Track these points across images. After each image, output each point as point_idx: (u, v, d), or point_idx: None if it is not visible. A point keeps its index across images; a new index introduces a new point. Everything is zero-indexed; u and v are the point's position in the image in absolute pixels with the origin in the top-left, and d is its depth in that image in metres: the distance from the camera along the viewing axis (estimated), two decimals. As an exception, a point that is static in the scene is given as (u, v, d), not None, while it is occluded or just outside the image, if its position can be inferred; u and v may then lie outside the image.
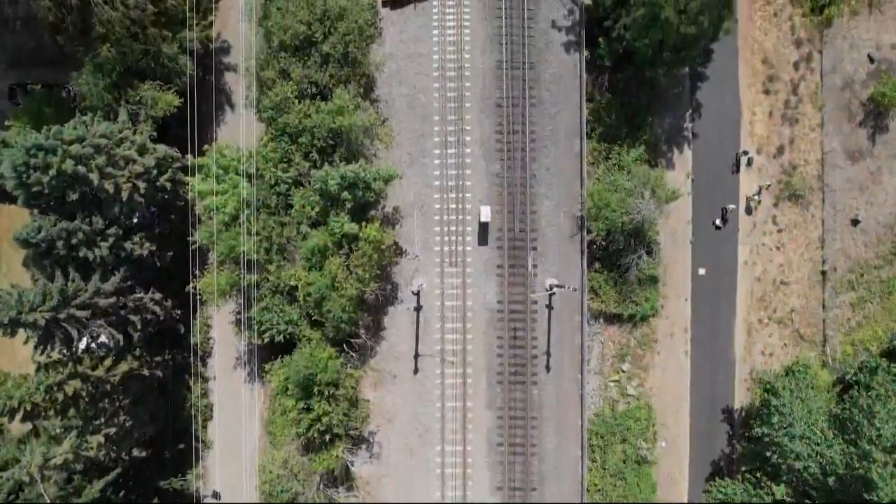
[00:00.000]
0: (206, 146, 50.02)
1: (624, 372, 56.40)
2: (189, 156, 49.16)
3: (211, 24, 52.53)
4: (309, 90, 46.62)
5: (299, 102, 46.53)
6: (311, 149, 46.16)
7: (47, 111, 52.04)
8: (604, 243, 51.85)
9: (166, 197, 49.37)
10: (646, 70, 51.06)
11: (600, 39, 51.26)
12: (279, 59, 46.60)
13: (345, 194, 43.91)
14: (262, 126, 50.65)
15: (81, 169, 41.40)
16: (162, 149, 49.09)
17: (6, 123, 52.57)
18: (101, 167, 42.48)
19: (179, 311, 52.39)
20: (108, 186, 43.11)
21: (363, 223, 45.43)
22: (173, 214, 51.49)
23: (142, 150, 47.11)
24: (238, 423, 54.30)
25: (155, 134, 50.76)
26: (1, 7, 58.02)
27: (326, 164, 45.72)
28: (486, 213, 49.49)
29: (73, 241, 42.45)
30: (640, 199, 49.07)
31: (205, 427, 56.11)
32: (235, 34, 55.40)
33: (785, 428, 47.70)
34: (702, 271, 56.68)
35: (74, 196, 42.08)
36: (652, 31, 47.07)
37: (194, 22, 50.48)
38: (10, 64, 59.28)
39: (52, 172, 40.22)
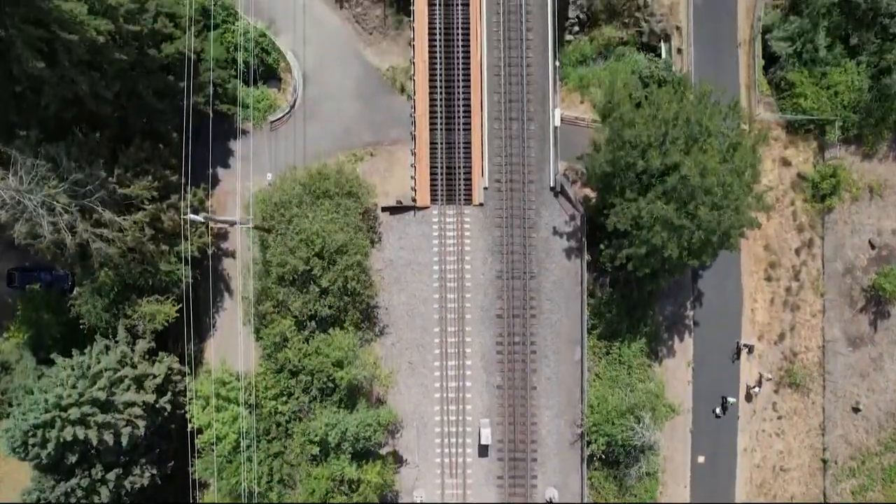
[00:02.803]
0: (203, 367, 49.91)
1: (623, 559, 56.44)
2: (188, 377, 49.11)
3: (207, 230, 52.32)
4: (308, 324, 46.37)
5: (298, 333, 46.38)
6: (311, 386, 45.98)
7: (46, 317, 51.77)
8: (604, 455, 51.76)
9: (166, 414, 49.23)
10: (646, 284, 50.92)
11: (601, 246, 50.94)
12: (278, 292, 46.28)
13: (345, 444, 43.83)
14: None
15: (81, 432, 41.28)
16: (162, 368, 48.94)
17: (4, 336, 52.35)
18: (100, 423, 42.32)
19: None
20: (108, 437, 42.98)
21: (364, 462, 45.37)
22: (173, 423, 51.34)
23: (140, 381, 46.96)
24: None
25: (153, 345, 50.79)
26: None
27: (327, 404, 45.60)
28: (486, 436, 49.41)
29: (73, 499, 42.39)
30: (640, 423, 48.94)
31: None
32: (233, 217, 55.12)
33: None
34: (701, 459, 56.66)
35: (74, 458, 42.01)
36: (653, 260, 46.78)
37: (190, 233, 50.28)
38: (8, 245, 58.86)
39: (50, 446, 40.13)
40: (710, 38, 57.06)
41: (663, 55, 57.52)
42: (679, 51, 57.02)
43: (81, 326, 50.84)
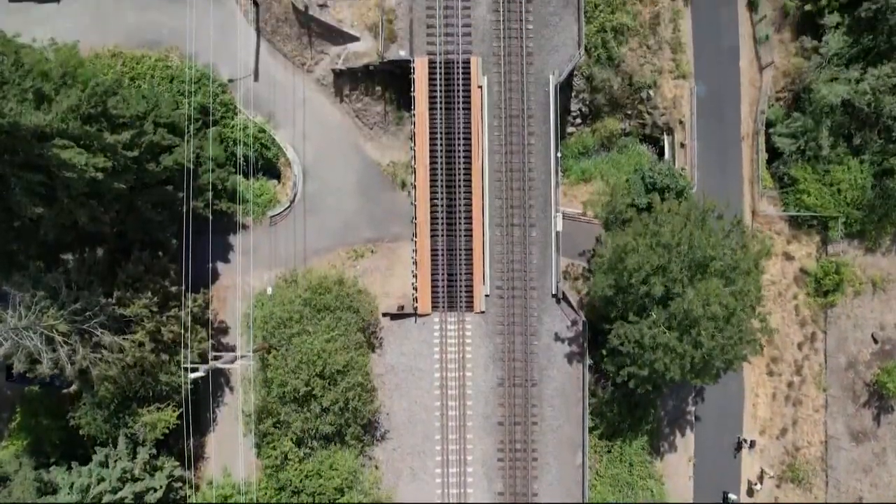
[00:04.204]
0: (203, 461, 49.74)
1: None
2: (189, 489, 48.93)
3: (208, 334, 52.02)
4: (308, 441, 46.22)
5: (298, 450, 46.22)
6: (313, 506, 45.98)
7: (44, 422, 51.47)
8: (606, 562, 51.77)
9: (167, 523, 49.13)
10: (648, 394, 50.70)
11: (603, 352, 50.65)
12: (279, 412, 46.09)
13: (347, 570, 43.88)
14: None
15: (81, 566, 41.19)
16: (163, 478, 48.71)
17: (2, 444, 52.09)
18: (101, 553, 42.25)
19: None
20: (108, 565, 42.86)
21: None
22: (174, 527, 51.23)
23: (141, 497, 46.78)
24: None
25: (154, 451, 50.58)
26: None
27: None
28: (487, 541, 49.44)
29: None
30: (643, 535, 48.89)
31: None
32: (233, 313, 54.86)
33: None
34: (703, 552, 56.65)
35: (74, 591, 41.99)
36: (655, 377, 46.51)
37: (190, 339, 49.97)
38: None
39: (51, 585, 40.05)
40: (713, 131, 56.71)
41: (666, 149, 57.27)
42: (682, 144, 56.70)
43: (81, 434, 50.65)
